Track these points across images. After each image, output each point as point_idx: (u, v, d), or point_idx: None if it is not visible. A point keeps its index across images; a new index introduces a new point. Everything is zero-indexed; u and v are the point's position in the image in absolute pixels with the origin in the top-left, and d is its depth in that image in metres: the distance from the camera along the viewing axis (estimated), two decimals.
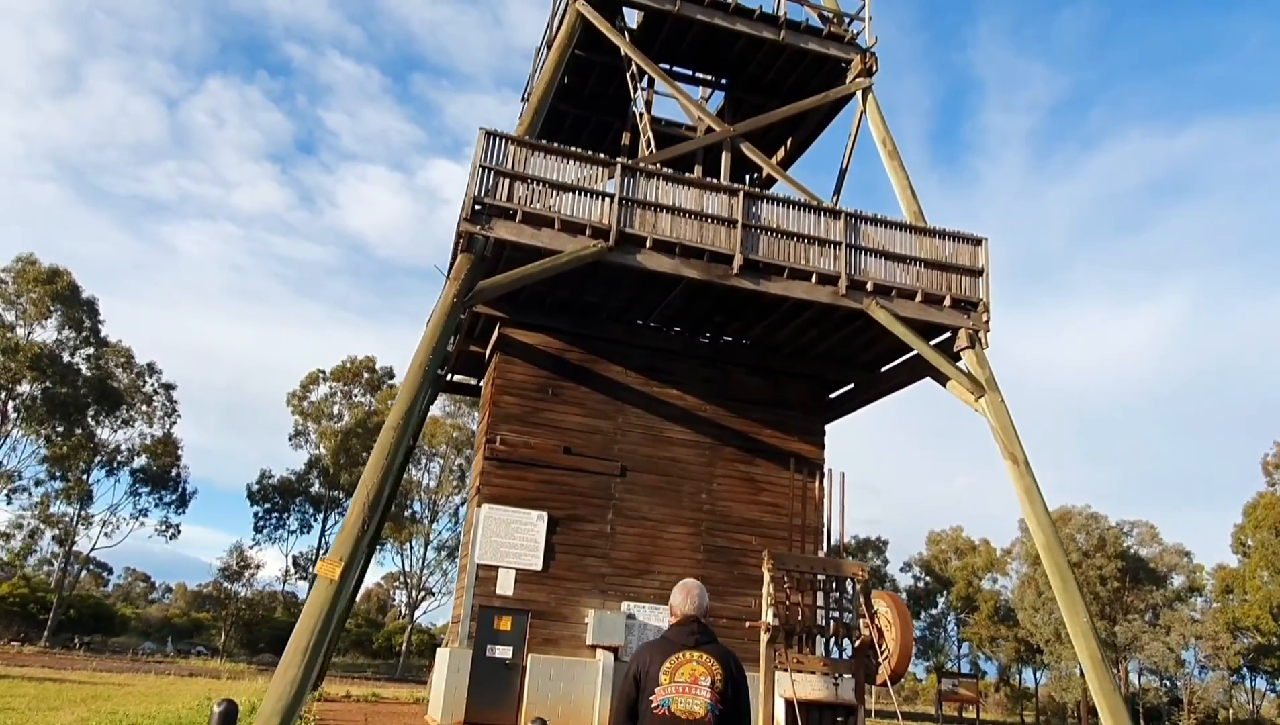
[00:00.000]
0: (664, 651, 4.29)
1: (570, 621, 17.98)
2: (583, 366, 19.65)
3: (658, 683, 4.19)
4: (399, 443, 13.29)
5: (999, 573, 68.99)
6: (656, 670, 4.22)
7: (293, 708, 11.32)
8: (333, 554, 12.38)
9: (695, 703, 4.13)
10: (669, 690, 4.16)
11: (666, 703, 4.14)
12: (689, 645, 4.31)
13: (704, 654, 4.29)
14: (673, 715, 4.12)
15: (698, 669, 4.22)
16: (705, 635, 4.38)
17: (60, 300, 41.99)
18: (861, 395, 21.34)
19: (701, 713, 4.12)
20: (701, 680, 4.20)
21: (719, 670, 4.26)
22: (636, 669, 4.29)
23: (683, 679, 4.18)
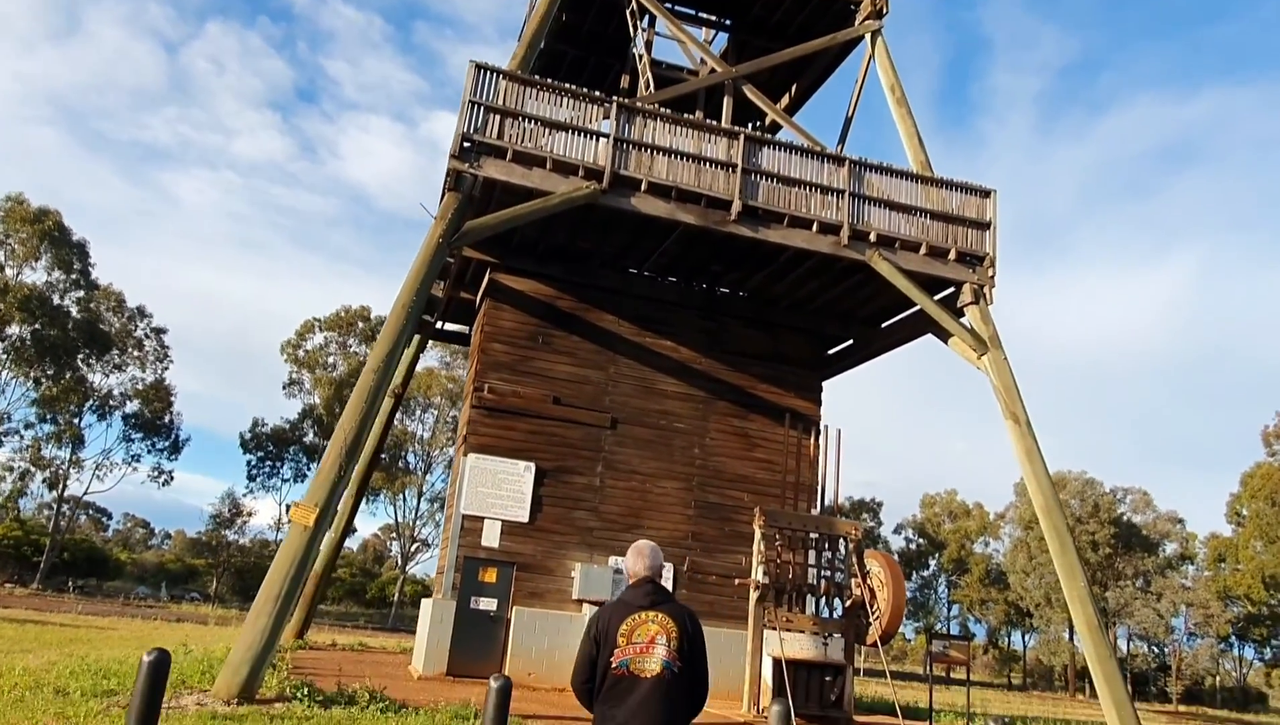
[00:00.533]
0: (621, 613, 4.36)
1: (556, 575, 17.64)
2: (574, 315, 19.08)
3: (615, 644, 4.27)
4: (379, 386, 12.78)
5: (991, 536, 69.14)
6: (614, 631, 4.30)
7: (263, 656, 10.95)
8: (307, 500, 11.93)
9: (652, 661, 4.22)
10: (627, 651, 4.25)
11: (625, 663, 4.23)
12: (645, 606, 4.36)
13: (660, 614, 4.35)
14: (631, 674, 4.22)
15: (654, 629, 4.29)
16: (661, 595, 4.43)
17: (49, 241, 41.27)
18: (861, 351, 20.81)
19: (658, 670, 4.21)
20: (659, 640, 4.27)
21: (675, 629, 4.32)
22: (596, 630, 4.38)
23: (640, 639, 4.26)
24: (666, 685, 4.21)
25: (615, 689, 4.22)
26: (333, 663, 17.56)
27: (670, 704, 4.21)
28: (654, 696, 4.17)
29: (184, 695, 10.63)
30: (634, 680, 4.20)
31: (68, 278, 42.22)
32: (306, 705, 10.74)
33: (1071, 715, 29.55)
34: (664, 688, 4.20)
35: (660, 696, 4.19)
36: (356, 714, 10.66)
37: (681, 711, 4.28)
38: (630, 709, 4.16)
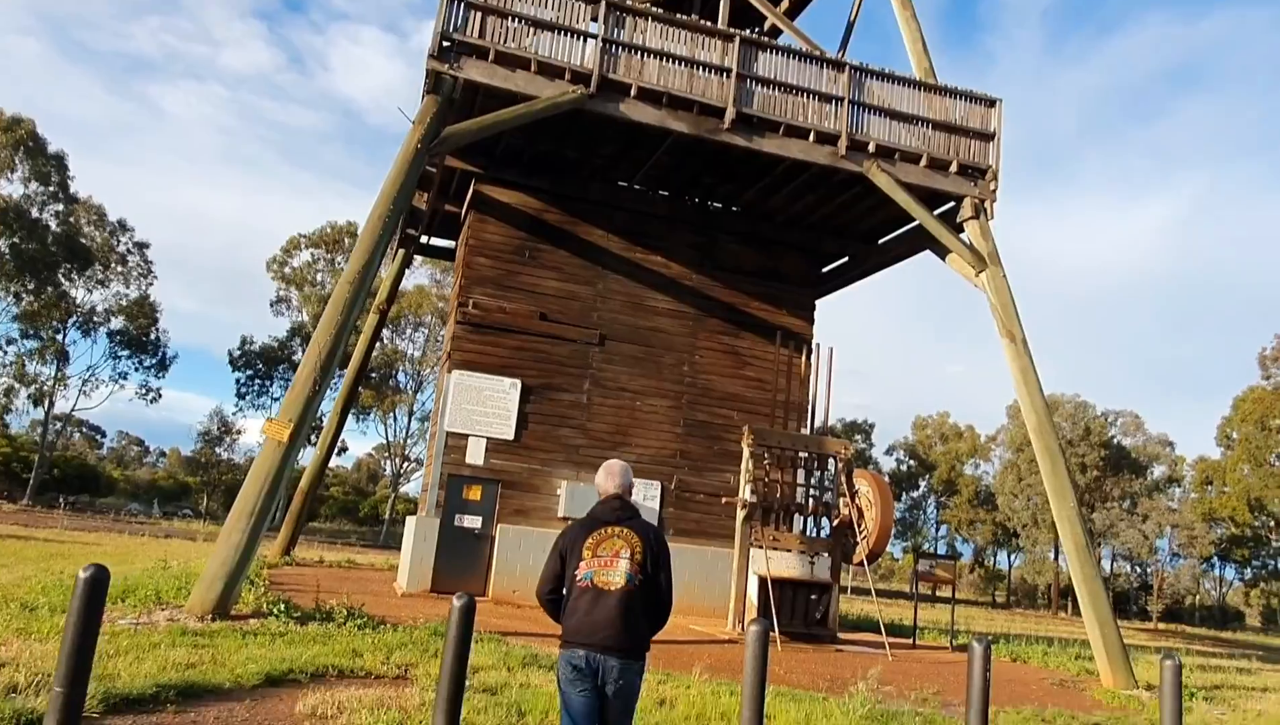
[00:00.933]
0: (588, 528, 4.49)
1: (542, 493, 17.44)
2: (562, 228, 18.47)
3: (581, 557, 4.40)
4: (355, 298, 12.28)
5: (982, 459, 69.70)
6: (580, 545, 4.43)
7: (237, 572, 10.71)
8: (281, 415, 11.55)
9: (615, 574, 4.35)
10: (591, 564, 4.37)
11: (589, 575, 4.36)
12: (611, 521, 4.49)
13: (625, 529, 4.46)
14: (595, 587, 4.35)
15: (618, 543, 4.41)
16: (627, 511, 4.55)
17: (25, 152, 40.03)
18: (856, 268, 20.29)
19: (621, 582, 4.34)
20: (622, 554, 4.39)
21: (639, 544, 4.43)
22: (563, 544, 4.51)
23: (605, 553, 4.39)
24: (630, 596, 4.33)
25: (580, 599, 4.35)
26: (316, 579, 17.48)
27: (633, 615, 4.33)
28: (617, 608, 4.29)
29: (156, 611, 10.42)
30: (598, 592, 4.33)
31: (45, 190, 41.09)
32: (282, 621, 10.55)
33: (1054, 632, 30.02)
34: (627, 600, 4.32)
35: (624, 607, 4.30)
36: (333, 630, 10.48)
37: (643, 623, 4.40)
38: (594, 619, 4.29)
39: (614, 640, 4.26)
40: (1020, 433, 55.27)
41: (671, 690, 9.30)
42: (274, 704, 6.97)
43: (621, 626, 4.28)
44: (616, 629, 4.27)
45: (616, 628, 4.27)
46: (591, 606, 4.31)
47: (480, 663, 9.51)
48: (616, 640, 4.26)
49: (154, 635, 8.99)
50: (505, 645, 10.75)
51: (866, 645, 16.17)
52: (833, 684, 11.49)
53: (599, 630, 4.27)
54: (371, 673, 8.68)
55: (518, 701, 7.74)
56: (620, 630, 4.27)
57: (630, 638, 4.31)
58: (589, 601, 4.32)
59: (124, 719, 6.09)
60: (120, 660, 7.66)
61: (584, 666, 4.28)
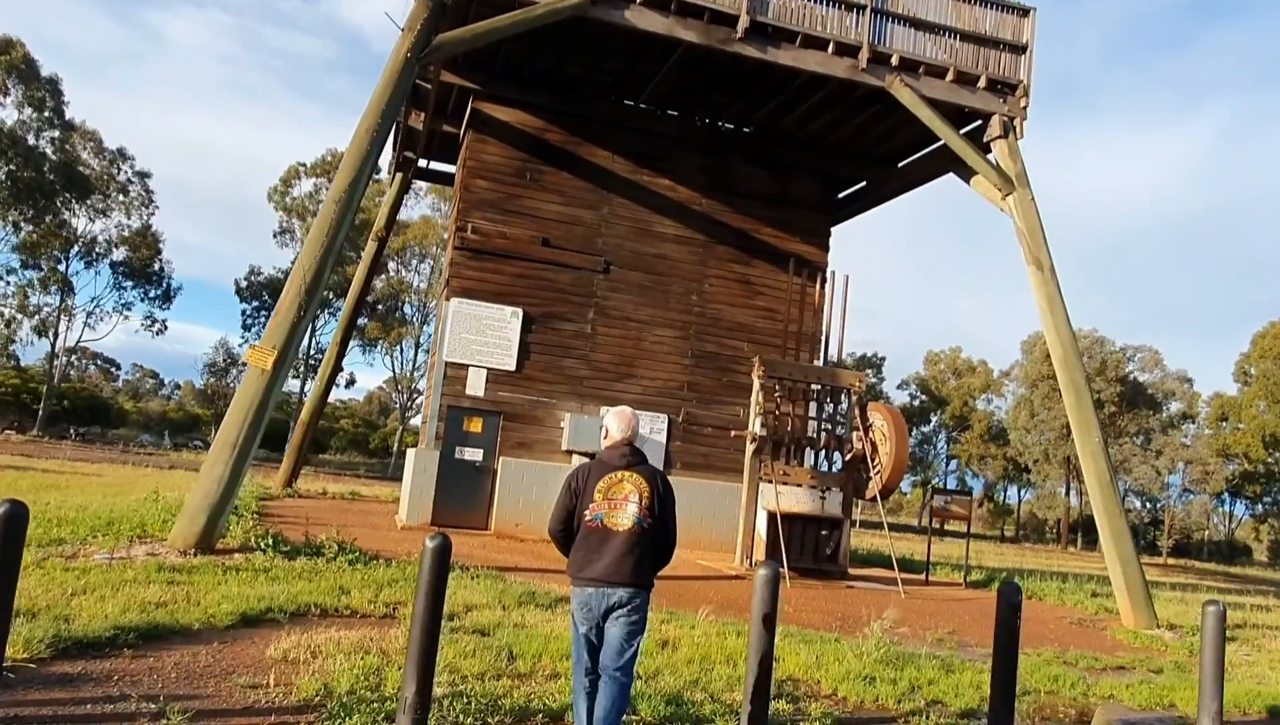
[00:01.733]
0: (599, 471, 4.71)
1: (545, 425, 16.90)
2: (565, 149, 17.57)
3: (592, 499, 4.64)
4: (342, 218, 11.54)
5: (995, 394, 69.01)
6: (592, 488, 4.66)
7: (221, 505, 10.23)
8: (265, 341, 10.93)
9: (624, 517, 4.59)
10: (602, 506, 4.61)
11: (600, 517, 4.61)
12: (621, 466, 4.70)
13: (634, 473, 4.69)
14: (605, 527, 4.60)
15: (628, 487, 4.64)
16: (636, 457, 4.78)
17: (18, 76, 38.90)
18: (873, 193, 19.36)
19: (630, 524, 4.59)
20: (631, 497, 4.62)
21: (647, 488, 4.67)
22: (575, 484, 4.73)
23: (615, 496, 4.61)
24: (637, 538, 4.59)
25: (590, 538, 4.61)
26: (315, 512, 17.12)
27: (640, 554, 4.60)
28: (625, 546, 4.56)
29: (137, 545, 9.97)
30: (607, 532, 4.59)
31: (40, 116, 40.02)
32: (269, 556, 10.10)
33: (1066, 567, 29.73)
34: (634, 539, 4.58)
35: (631, 547, 4.58)
36: (321, 565, 10.02)
37: (648, 561, 4.67)
38: (603, 556, 4.56)
39: (621, 576, 4.54)
40: (1035, 368, 54.54)
41: (675, 630, 8.82)
42: (244, 647, 6.48)
43: (629, 564, 4.56)
44: (624, 566, 4.55)
45: (624, 565, 4.55)
46: (600, 545, 4.59)
47: (474, 600, 9.04)
48: (623, 576, 4.54)
49: (128, 571, 8.52)
50: (502, 582, 10.29)
51: (878, 582, 15.75)
52: (844, 623, 11.04)
53: (607, 567, 4.55)
54: (357, 612, 8.22)
55: (510, 643, 7.25)
56: (627, 567, 4.55)
57: (636, 574, 4.58)
58: (598, 541, 4.60)
59: (73, 664, 5.58)
60: (84, 599, 7.18)
61: (593, 600, 4.58)
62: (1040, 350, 54.30)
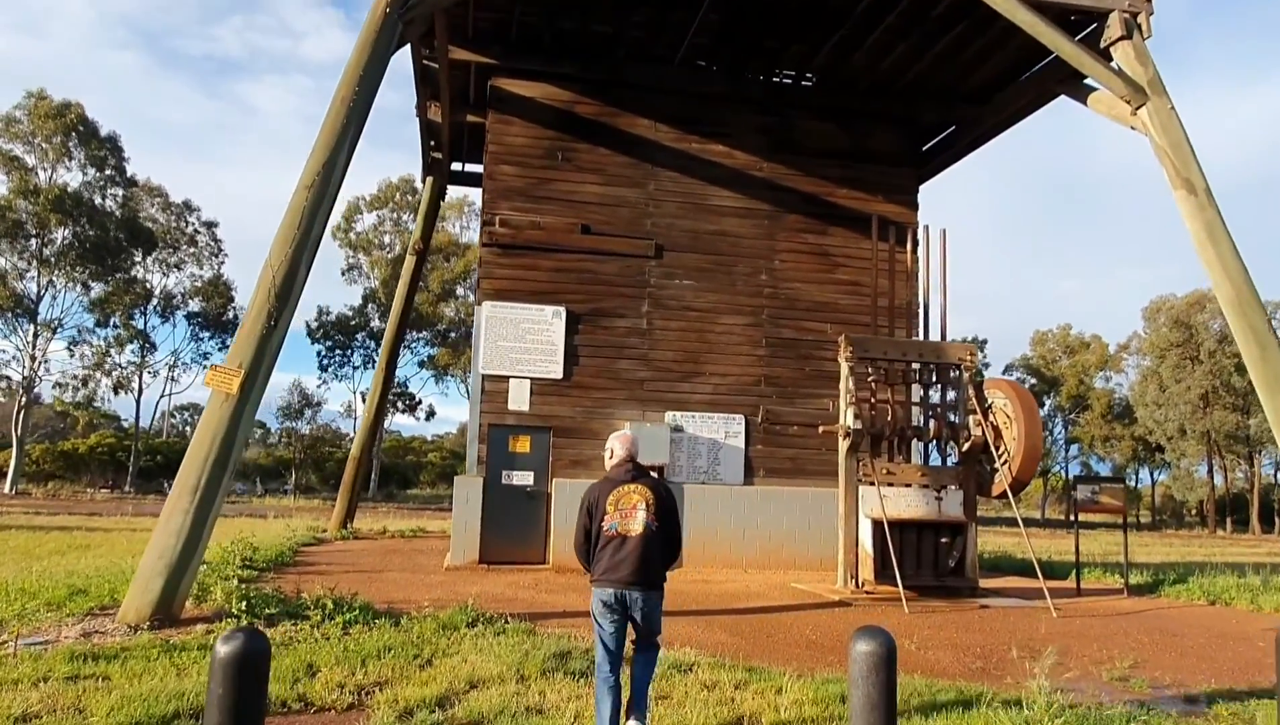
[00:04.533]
0: (608, 488, 5.33)
1: (602, 438, 14.48)
2: (599, 122, 15.38)
3: (605, 511, 5.25)
4: (317, 205, 9.55)
5: (1113, 370, 63.66)
6: (604, 502, 5.28)
7: (182, 565, 8.27)
8: (230, 359, 8.99)
9: (635, 523, 5.19)
10: (614, 516, 5.22)
11: (614, 526, 5.21)
12: (626, 480, 5.33)
13: (639, 485, 5.31)
14: (619, 534, 5.19)
15: (635, 497, 5.24)
16: (639, 471, 5.41)
17: (78, 137, 39.21)
18: (965, 136, 16.53)
19: (640, 530, 5.18)
20: (639, 505, 5.22)
21: (652, 496, 5.27)
22: (589, 502, 5.36)
23: (625, 506, 5.22)
24: (647, 541, 5.20)
25: (608, 546, 5.22)
26: (358, 557, 15.27)
27: (650, 556, 5.21)
28: (638, 550, 5.16)
29: (80, 622, 8.08)
30: (622, 538, 5.19)
31: (101, 175, 40.33)
32: (241, 624, 8.06)
33: (1230, 555, 25.71)
34: (645, 542, 5.19)
35: (643, 549, 5.17)
36: (302, 633, 7.94)
37: (658, 561, 5.28)
38: (620, 560, 5.16)
39: (636, 577, 5.15)
40: (1161, 336, 49.64)
41: (755, 701, 6.39)
42: None
43: (642, 565, 5.16)
44: (638, 567, 5.15)
45: (638, 566, 5.15)
46: (617, 551, 5.18)
47: (484, 671, 6.80)
48: (638, 577, 5.15)
49: (32, 664, 6.57)
50: (532, 638, 8.02)
51: (1016, 596, 12.88)
52: (987, 662, 8.36)
53: (624, 570, 5.14)
54: (313, 704, 6.06)
55: None
56: (641, 568, 5.16)
57: (649, 574, 5.20)
58: (615, 547, 5.19)
59: None
60: None
61: (613, 600, 5.17)
62: (1166, 316, 49.44)
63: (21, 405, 39.98)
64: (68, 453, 45.61)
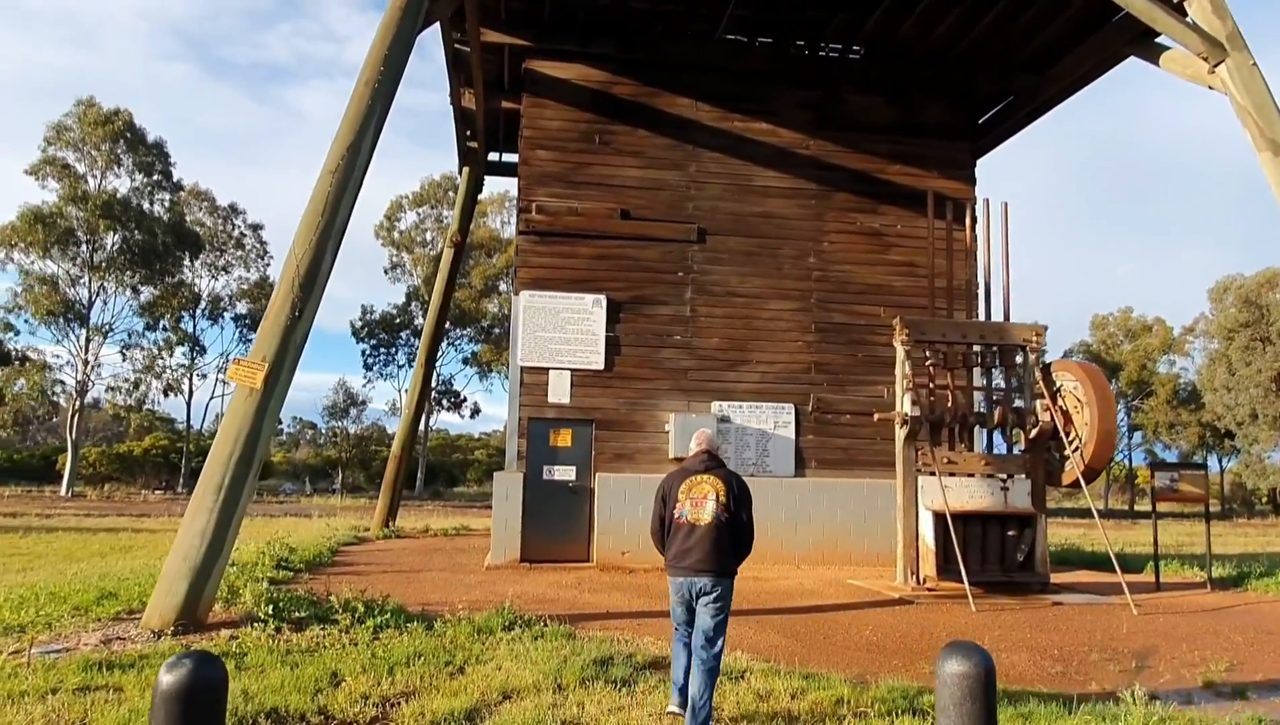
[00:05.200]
0: (681, 477, 5.65)
1: (647, 431, 14.10)
2: (637, 103, 14.82)
3: (677, 500, 5.55)
4: (342, 191, 9.15)
5: (1178, 354, 61.31)
6: (676, 491, 5.57)
7: (206, 568, 7.92)
8: (253, 353, 8.62)
9: (704, 512, 5.44)
10: (685, 505, 5.50)
11: (684, 514, 5.49)
12: (700, 471, 5.60)
13: (711, 476, 5.55)
14: (689, 523, 5.46)
15: (706, 488, 5.48)
16: (713, 462, 5.68)
17: (124, 142, 39.80)
18: (1024, 106, 15.62)
19: (709, 519, 5.42)
20: (709, 496, 5.46)
21: (723, 487, 5.50)
22: (663, 491, 5.68)
23: (696, 496, 5.48)
24: (717, 530, 5.42)
25: (678, 534, 5.51)
26: (399, 556, 14.95)
27: (720, 544, 5.42)
28: (707, 537, 5.41)
29: (101, 628, 7.76)
30: (692, 527, 5.45)
31: (148, 180, 40.91)
32: (269, 629, 7.69)
33: None
34: (715, 532, 5.42)
35: (712, 538, 5.41)
36: (331, 637, 7.52)
37: (728, 550, 5.46)
38: (690, 547, 5.43)
39: (705, 564, 5.39)
40: (1230, 317, 47.59)
41: (807, 712, 5.80)
42: None
43: (712, 553, 5.40)
44: (707, 555, 5.39)
45: (707, 554, 5.39)
46: (687, 538, 5.46)
47: (519, 680, 6.30)
48: (707, 564, 5.39)
49: (45, 674, 6.23)
50: (572, 642, 7.51)
51: (1091, 591, 12.07)
52: (1066, 666, 7.66)
53: (692, 557, 5.41)
54: (333, 716, 5.62)
55: None
56: (710, 556, 5.39)
57: (717, 561, 5.41)
58: (685, 534, 5.47)
59: None
60: None
61: (684, 587, 5.48)
62: (1235, 295, 47.40)
63: (76, 409, 40.69)
64: (122, 455, 46.42)
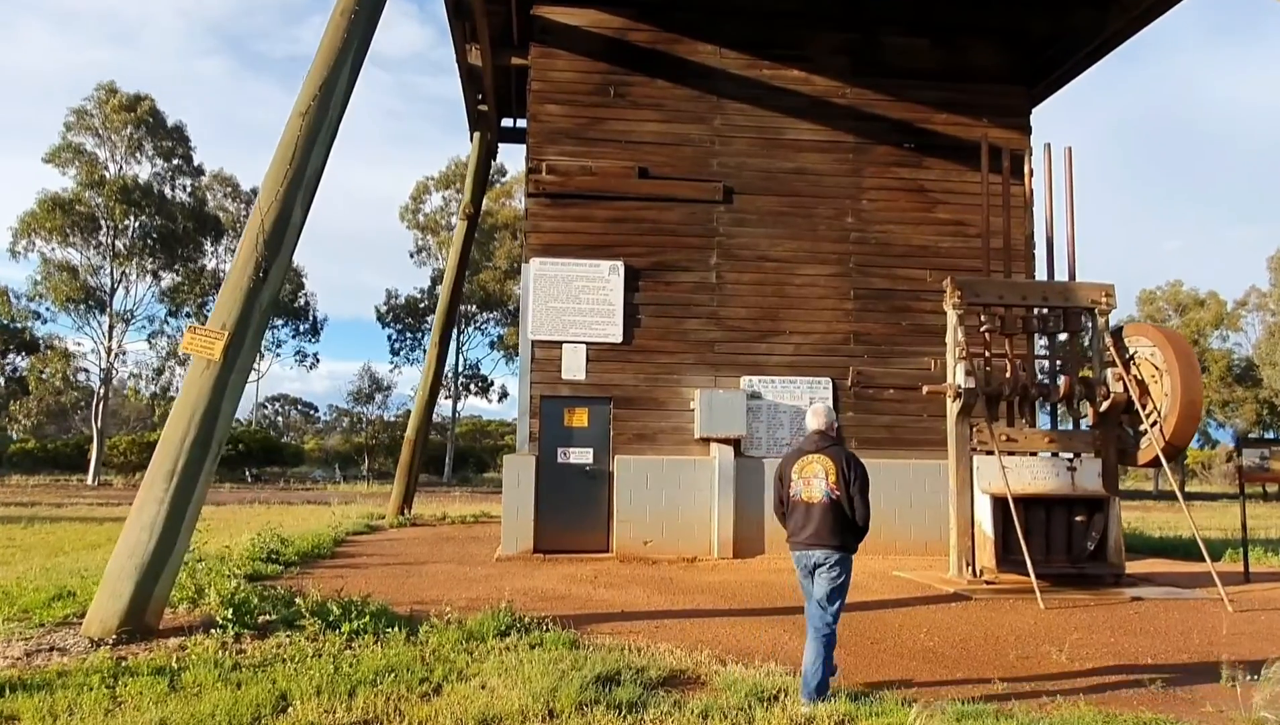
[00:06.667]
0: (796, 456, 5.81)
1: (669, 408, 12.90)
2: (655, 50, 13.54)
3: (792, 479, 5.73)
4: (312, 136, 8.01)
5: (1231, 328, 58.72)
6: (789, 470, 5.78)
7: (155, 565, 6.87)
8: (212, 320, 7.53)
9: (815, 491, 5.60)
10: (797, 484, 5.69)
11: (798, 492, 5.67)
12: (812, 451, 5.73)
13: (822, 455, 5.67)
14: (803, 501, 5.64)
15: (817, 466, 5.65)
16: (825, 441, 5.77)
17: (146, 129, 39.23)
18: (1085, 45, 14.09)
19: (819, 498, 5.58)
20: (819, 475, 5.62)
21: (833, 467, 5.61)
22: (780, 470, 5.89)
23: (807, 474, 5.66)
24: (826, 508, 5.56)
25: (795, 511, 5.69)
26: (408, 546, 13.93)
27: (830, 521, 5.54)
28: (818, 515, 5.57)
29: (28, 637, 6.74)
30: (806, 505, 5.63)
31: (168, 166, 40.34)
32: (229, 635, 6.63)
33: None
34: (824, 510, 5.56)
35: (823, 515, 5.55)
36: (296, 647, 6.44)
37: (837, 527, 5.55)
38: (804, 525, 5.61)
39: (817, 539, 5.56)
40: None
41: None
42: None
43: (822, 529, 5.55)
44: (819, 531, 5.55)
45: (819, 530, 5.55)
46: (802, 516, 5.64)
47: (505, 703, 5.16)
48: (819, 539, 5.55)
49: None
50: (574, 652, 6.36)
51: (1169, 584, 10.69)
52: (1168, 680, 6.35)
53: (807, 534, 5.59)
54: None
55: None
56: (822, 532, 5.55)
57: (828, 537, 5.54)
58: (800, 513, 5.65)
59: None
60: None
61: (801, 560, 5.67)
62: None
63: (101, 396, 40.34)
64: (151, 443, 46.14)
